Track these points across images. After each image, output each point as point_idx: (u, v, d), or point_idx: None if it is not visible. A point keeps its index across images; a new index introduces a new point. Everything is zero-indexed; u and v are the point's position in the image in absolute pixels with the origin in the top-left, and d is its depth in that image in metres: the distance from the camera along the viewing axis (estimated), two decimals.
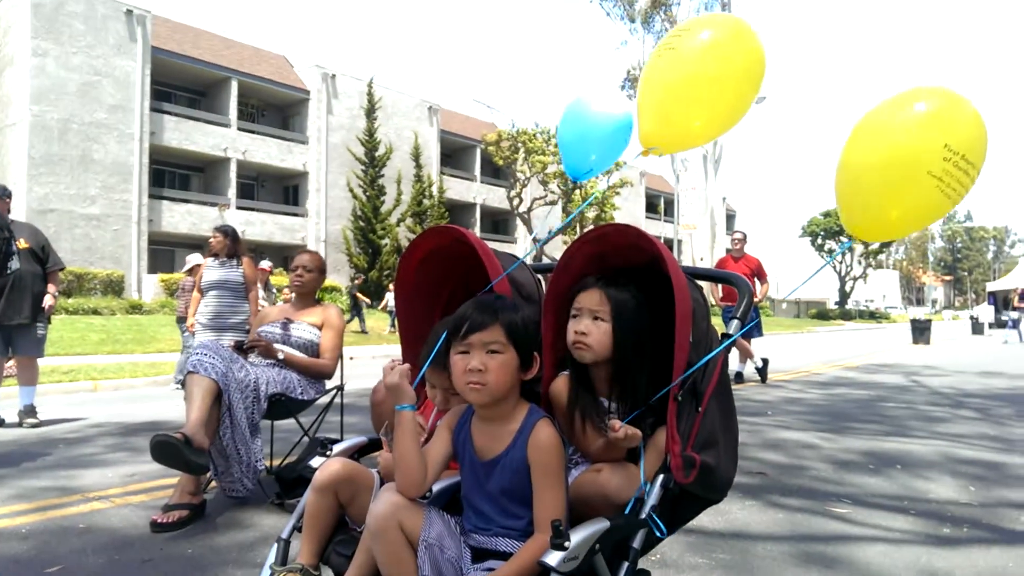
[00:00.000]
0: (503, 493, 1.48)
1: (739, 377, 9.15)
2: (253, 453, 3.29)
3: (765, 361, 9.18)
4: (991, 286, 42.23)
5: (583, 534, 1.32)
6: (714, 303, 8.63)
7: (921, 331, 21.30)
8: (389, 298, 23.14)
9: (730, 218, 54.46)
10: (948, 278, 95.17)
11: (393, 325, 21.21)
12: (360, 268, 28.48)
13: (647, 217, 48.01)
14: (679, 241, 29.65)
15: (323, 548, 1.71)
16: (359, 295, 21.14)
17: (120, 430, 5.43)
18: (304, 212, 31.65)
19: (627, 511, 1.50)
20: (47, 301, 5.62)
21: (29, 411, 5.62)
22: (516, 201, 31.18)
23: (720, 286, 8.44)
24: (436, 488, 1.61)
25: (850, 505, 3.64)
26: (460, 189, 36.78)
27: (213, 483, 3.64)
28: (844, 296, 57.11)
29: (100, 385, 8.27)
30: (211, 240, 5.68)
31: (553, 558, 1.28)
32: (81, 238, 23.98)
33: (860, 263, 57.62)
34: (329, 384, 3.89)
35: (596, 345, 1.64)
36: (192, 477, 3.21)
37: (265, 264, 12.09)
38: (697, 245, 50.03)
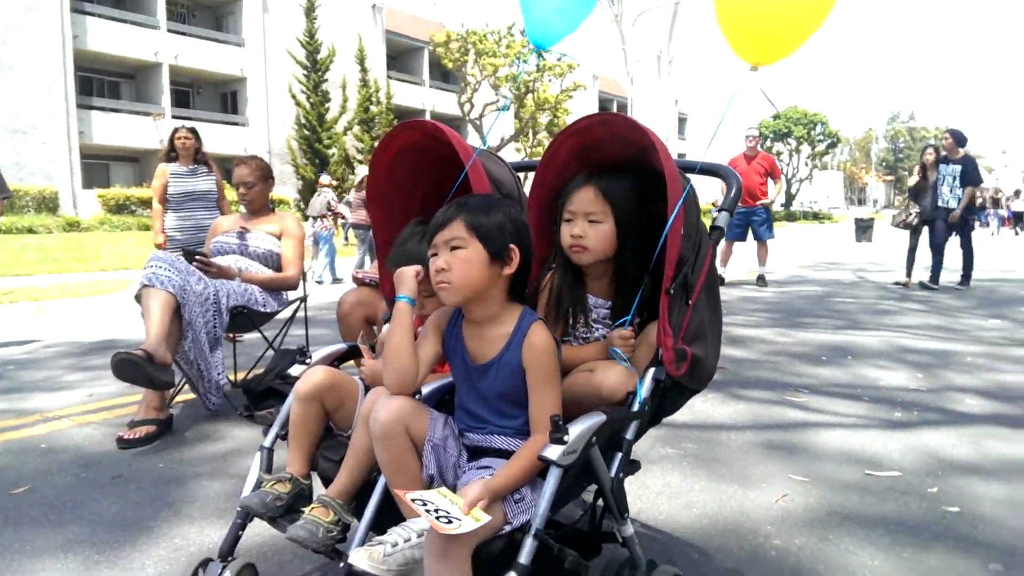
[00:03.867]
0: (498, 396, 1.46)
1: (761, 280, 9.05)
2: (214, 367, 3.22)
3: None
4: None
5: (581, 427, 1.32)
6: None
7: (864, 229, 21.97)
8: (343, 210, 22.47)
9: (682, 121, 54.22)
10: (890, 178, 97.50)
11: (347, 238, 20.79)
12: (307, 179, 27.62)
13: None
14: None
15: (311, 456, 1.69)
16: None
17: (72, 350, 5.26)
18: (245, 121, 30.28)
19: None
20: None
21: None
22: (467, 107, 30.33)
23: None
24: (425, 391, 1.58)
25: (807, 394, 3.79)
26: (408, 94, 35.55)
27: (178, 398, 3.58)
28: (790, 198, 58.17)
29: (43, 306, 7.96)
30: (177, 141, 4.94)
31: (553, 452, 1.27)
32: (7, 152, 22.56)
33: (807, 164, 58.46)
34: (292, 295, 3.79)
35: (594, 247, 1.62)
36: (157, 392, 3.14)
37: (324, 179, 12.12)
38: None
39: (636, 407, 1.47)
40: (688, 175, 1.59)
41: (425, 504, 1.24)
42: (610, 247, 1.63)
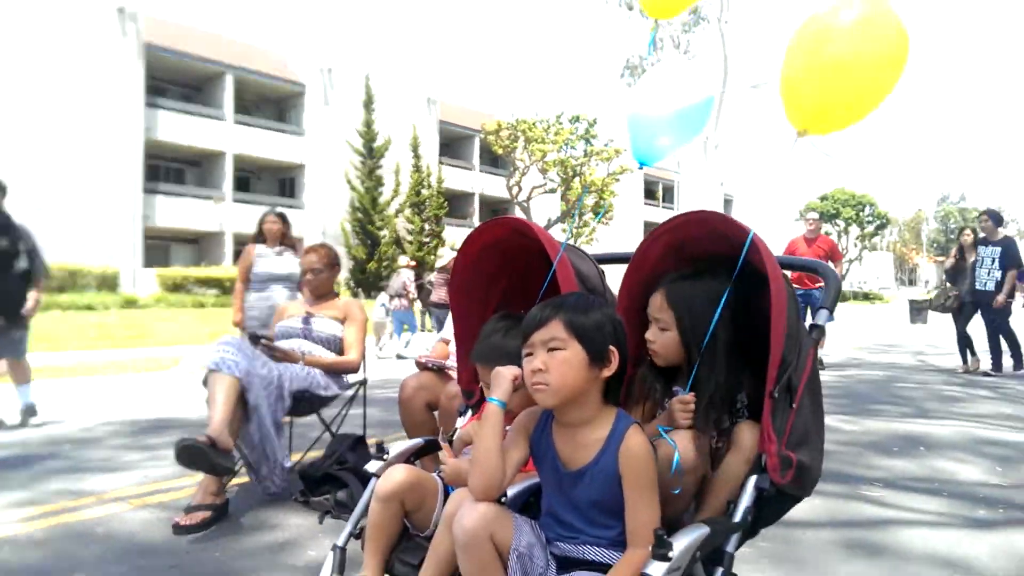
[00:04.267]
0: (592, 504, 1.39)
1: (820, 364, 8.84)
2: (280, 451, 3.20)
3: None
4: None
5: (684, 542, 1.24)
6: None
7: (918, 311, 21.27)
8: (413, 291, 22.82)
9: (727, 203, 54.35)
10: (941, 259, 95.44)
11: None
12: (359, 260, 28.31)
13: (646, 203, 47.88)
14: None
15: (387, 560, 1.62)
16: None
17: (128, 429, 5.32)
18: (301, 204, 31.47)
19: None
20: (28, 305, 5.36)
21: (30, 410, 5.45)
22: (516, 190, 31.02)
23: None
24: (511, 492, 1.52)
25: (882, 488, 3.58)
26: (458, 179, 36.62)
27: (234, 481, 3.54)
28: (840, 278, 57.07)
29: (99, 381, 8.15)
30: (265, 225, 5.14)
31: (657, 569, 1.19)
32: (76, 233, 23.77)
33: (856, 245, 57.66)
34: (351, 378, 3.79)
35: (662, 353, 1.60)
36: (214, 477, 3.11)
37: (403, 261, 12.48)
38: None
39: (738, 518, 1.38)
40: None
41: None
42: (675, 353, 1.60)
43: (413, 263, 14.22)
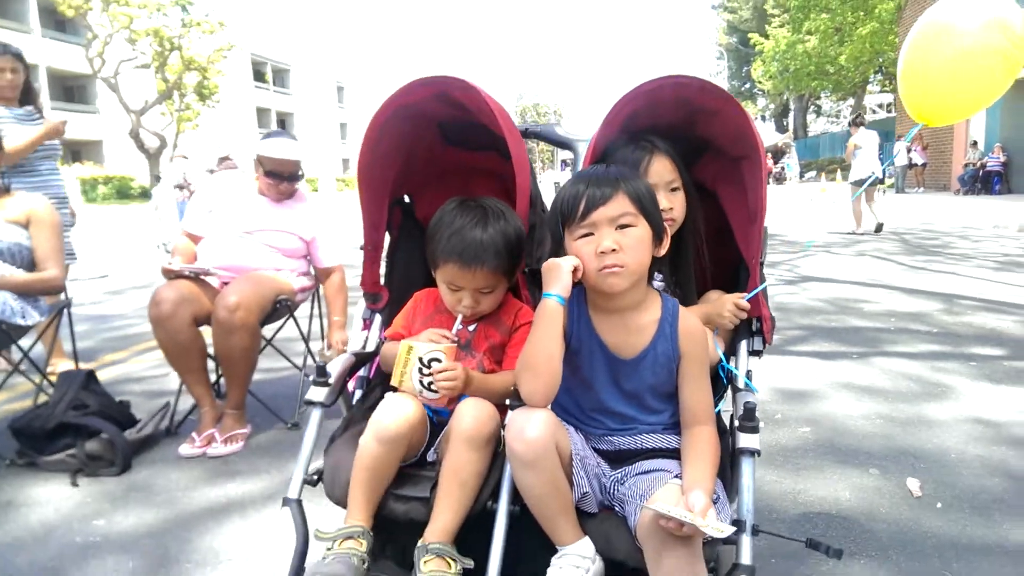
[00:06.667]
0: (648, 390, 1.31)
1: None
2: None
3: None
4: (561, 156, 50.17)
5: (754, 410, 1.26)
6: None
7: None
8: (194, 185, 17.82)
9: (340, 90, 53.57)
10: None
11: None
12: None
13: (256, 86, 44.35)
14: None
15: (378, 501, 1.32)
16: None
17: None
18: None
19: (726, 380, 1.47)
20: None
21: None
22: (99, 63, 25.82)
23: None
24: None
25: None
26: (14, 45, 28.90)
27: None
28: None
29: None
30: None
31: (753, 440, 1.22)
32: None
33: None
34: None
35: (678, 216, 1.50)
36: None
37: None
38: (307, 119, 48.44)
39: (744, 381, 1.45)
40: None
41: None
42: (683, 214, 1.54)
43: (185, 154, 11.83)
